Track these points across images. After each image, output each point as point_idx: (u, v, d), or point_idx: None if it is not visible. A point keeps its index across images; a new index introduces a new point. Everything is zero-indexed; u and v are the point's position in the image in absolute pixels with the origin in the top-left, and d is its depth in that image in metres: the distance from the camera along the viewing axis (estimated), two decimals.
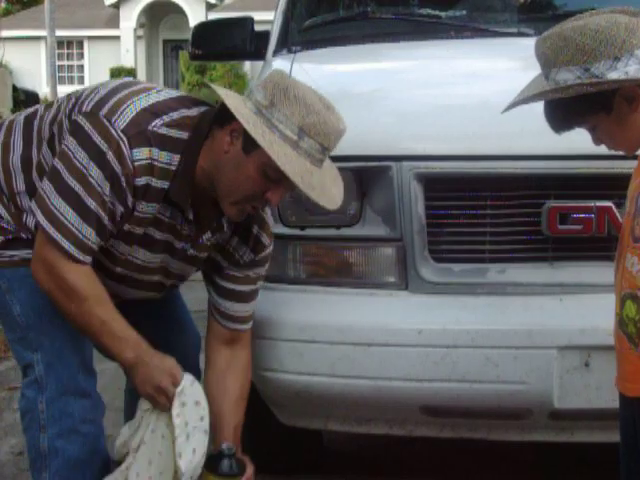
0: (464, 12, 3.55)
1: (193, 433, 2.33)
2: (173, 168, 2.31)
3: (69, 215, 2.26)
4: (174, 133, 2.30)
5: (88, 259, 2.31)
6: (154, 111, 2.31)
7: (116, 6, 30.91)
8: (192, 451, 2.33)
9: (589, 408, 2.59)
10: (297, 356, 2.67)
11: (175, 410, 2.32)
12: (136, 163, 2.26)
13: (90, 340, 2.41)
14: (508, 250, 2.66)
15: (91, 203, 2.26)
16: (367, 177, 2.67)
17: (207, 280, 2.58)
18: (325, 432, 3.17)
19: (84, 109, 2.33)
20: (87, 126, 2.28)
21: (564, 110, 2.04)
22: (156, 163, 2.29)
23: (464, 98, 2.77)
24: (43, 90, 24.18)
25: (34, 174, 2.41)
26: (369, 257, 2.72)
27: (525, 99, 2.07)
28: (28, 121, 2.50)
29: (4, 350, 4.93)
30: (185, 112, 2.34)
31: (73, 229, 2.27)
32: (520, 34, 3.33)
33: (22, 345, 2.49)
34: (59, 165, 2.29)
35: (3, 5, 33.37)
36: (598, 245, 2.61)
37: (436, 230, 2.67)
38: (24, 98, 19.57)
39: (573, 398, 2.58)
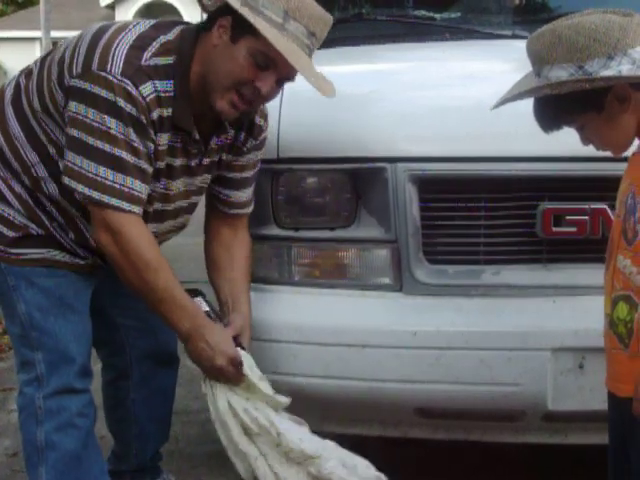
0: (459, 14, 3.55)
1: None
2: (171, 94, 2.34)
3: (107, 174, 2.28)
4: (163, 60, 2.34)
5: (141, 210, 2.35)
6: (140, 45, 2.33)
7: (111, 7, 30.91)
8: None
9: (583, 410, 2.59)
10: (291, 357, 2.67)
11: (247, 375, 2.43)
12: (147, 98, 2.29)
13: (148, 306, 2.43)
14: (502, 252, 2.66)
15: (122, 153, 2.28)
16: (362, 178, 2.67)
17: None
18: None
19: (75, 72, 2.33)
20: (86, 85, 2.29)
21: (554, 108, 2.04)
22: (161, 94, 2.32)
23: (459, 100, 2.76)
24: None
25: (46, 144, 2.42)
26: (364, 258, 2.72)
27: (517, 95, 2.07)
28: (15, 96, 2.49)
29: None
30: (164, 38, 2.38)
31: (117, 185, 2.29)
32: (515, 36, 3.33)
33: (22, 342, 2.52)
34: (75, 132, 2.30)
35: None
36: (592, 247, 2.61)
37: (431, 232, 2.67)
38: None
39: (567, 400, 2.59)
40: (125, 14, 30.55)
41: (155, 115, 2.32)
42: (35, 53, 28.68)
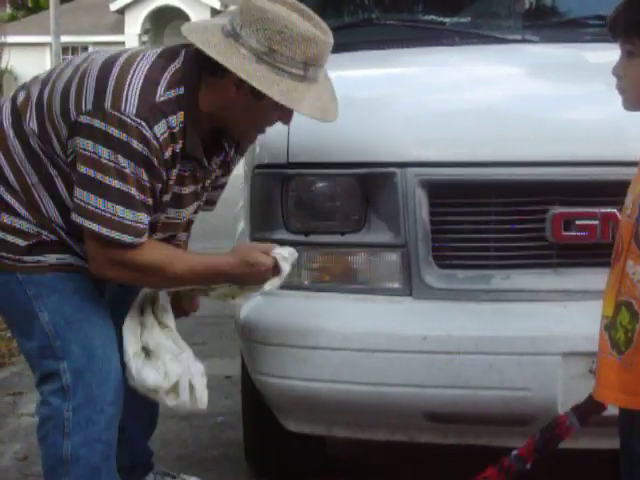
0: (469, 19, 3.56)
1: None
2: (182, 126, 2.36)
3: (117, 211, 2.30)
4: (175, 92, 2.35)
5: (146, 237, 2.39)
6: (153, 80, 2.34)
7: (121, 12, 30.99)
8: None
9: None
10: (301, 362, 2.66)
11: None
12: (161, 138, 2.31)
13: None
14: (512, 256, 2.66)
15: (134, 191, 2.31)
16: (372, 183, 2.67)
17: None
18: (329, 438, 3.16)
19: (84, 108, 2.32)
20: (99, 124, 2.29)
21: (632, 16, 1.96)
22: (174, 130, 2.34)
23: (469, 104, 2.77)
24: None
25: (47, 165, 2.41)
26: (373, 263, 2.72)
27: None
28: (12, 111, 2.46)
29: (7, 356, 4.94)
30: (174, 66, 2.37)
31: (127, 222, 2.32)
32: (524, 41, 3.34)
33: (44, 354, 2.46)
34: (87, 170, 2.30)
35: (8, 11, 33.43)
36: (602, 251, 2.59)
37: (440, 236, 2.67)
38: None
39: None
40: (134, 19, 30.65)
41: (168, 154, 2.34)
42: (45, 58, 28.77)
